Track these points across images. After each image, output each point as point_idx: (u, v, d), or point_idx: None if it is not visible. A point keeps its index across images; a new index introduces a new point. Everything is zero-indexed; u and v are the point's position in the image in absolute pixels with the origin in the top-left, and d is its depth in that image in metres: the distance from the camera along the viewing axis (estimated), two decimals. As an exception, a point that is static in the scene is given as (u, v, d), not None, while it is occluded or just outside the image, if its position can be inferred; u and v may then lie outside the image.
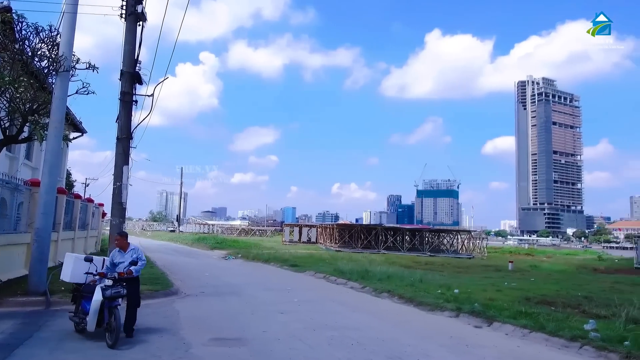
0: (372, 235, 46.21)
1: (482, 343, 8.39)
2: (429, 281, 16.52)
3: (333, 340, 8.06)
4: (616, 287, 19.40)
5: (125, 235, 8.45)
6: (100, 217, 28.88)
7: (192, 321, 9.29)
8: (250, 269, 22.89)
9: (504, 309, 10.72)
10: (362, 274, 17.68)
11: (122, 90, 12.63)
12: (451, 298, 12.43)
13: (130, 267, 7.75)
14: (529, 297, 13.70)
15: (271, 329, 8.75)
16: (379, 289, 14.60)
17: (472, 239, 50.55)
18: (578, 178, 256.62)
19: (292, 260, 24.63)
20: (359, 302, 13.05)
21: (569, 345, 8.08)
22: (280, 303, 12.00)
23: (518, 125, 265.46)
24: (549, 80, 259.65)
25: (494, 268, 29.62)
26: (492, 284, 17.66)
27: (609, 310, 10.67)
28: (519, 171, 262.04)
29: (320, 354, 7.19)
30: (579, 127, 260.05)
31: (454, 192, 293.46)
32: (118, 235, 8.44)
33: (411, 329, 9.46)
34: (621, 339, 7.89)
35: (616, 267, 38.72)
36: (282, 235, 59.91)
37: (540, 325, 9.12)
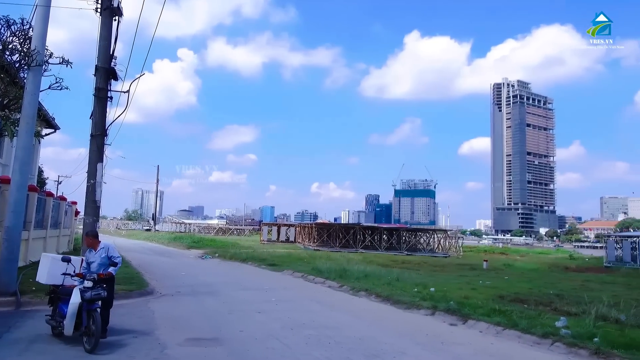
0: (351, 234, 46.44)
1: (457, 340, 8.53)
2: (405, 280, 16.69)
3: (311, 339, 8.07)
4: (586, 285, 19.99)
5: (94, 234, 8.14)
6: (73, 216, 28.22)
7: (168, 321, 9.17)
8: (227, 268, 22.71)
9: (478, 307, 10.92)
10: (340, 273, 17.74)
11: (97, 86, 12.35)
12: (427, 296, 12.58)
13: (109, 267, 7.58)
14: (502, 295, 13.99)
15: (248, 329, 8.71)
16: (356, 287, 14.68)
17: (448, 238, 51.30)
18: (551, 179, 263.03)
19: (270, 260, 24.54)
20: (337, 301, 13.09)
21: (540, 342, 8.28)
22: (258, 302, 11.94)
23: (493, 127, 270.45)
24: (523, 83, 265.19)
25: (469, 267, 30.13)
26: (467, 283, 17.97)
27: (580, 308, 10.98)
28: (494, 172, 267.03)
29: (297, 353, 7.19)
30: (552, 129, 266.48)
31: (431, 192, 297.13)
32: (86, 235, 8.23)
33: (388, 327, 9.54)
34: (591, 336, 8.12)
35: (586, 265, 39.85)
36: (261, 234, 59.63)
37: (513, 322, 9.32)
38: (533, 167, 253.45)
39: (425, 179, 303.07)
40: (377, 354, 7.27)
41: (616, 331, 8.51)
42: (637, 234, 51.05)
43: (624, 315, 9.97)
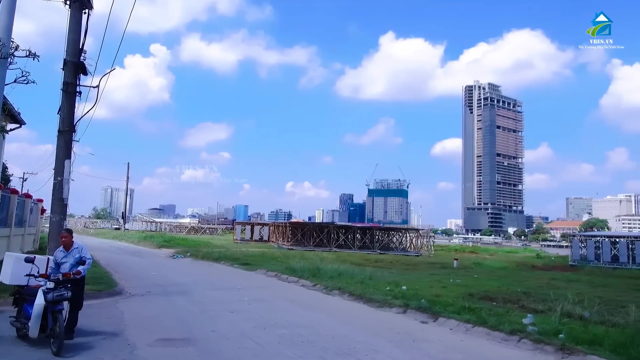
0: (325, 233, 46.55)
1: (428, 338, 8.67)
2: (378, 278, 16.85)
3: (283, 338, 8.06)
4: (552, 283, 20.61)
5: (70, 231, 7.99)
6: (39, 214, 27.31)
7: (138, 322, 9.00)
8: (199, 267, 22.43)
9: (449, 305, 11.12)
10: (313, 272, 17.76)
11: (65, 81, 11.99)
12: (399, 295, 12.73)
13: (78, 267, 7.36)
14: (472, 293, 14.28)
15: (220, 329, 8.63)
16: (329, 286, 14.72)
17: (420, 237, 52.07)
18: (519, 180, 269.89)
19: (243, 259, 24.38)
20: (310, 300, 13.11)
21: (508, 338, 8.49)
22: (230, 302, 11.85)
23: (465, 128, 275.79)
24: (494, 86, 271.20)
25: (440, 265, 30.64)
26: (438, 281, 18.28)
27: (546, 305, 11.31)
28: (464, 172, 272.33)
29: (270, 352, 7.17)
30: (521, 131, 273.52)
31: (404, 192, 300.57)
32: (65, 232, 7.97)
33: (361, 326, 9.61)
34: (556, 332, 8.37)
35: (553, 264, 41.13)
36: (234, 233, 59.15)
37: (482, 320, 9.53)
38: (502, 168, 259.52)
39: (398, 179, 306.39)
40: (349, 352, 7.32)
41: (580, 327, 8.80)
42: (600, 234, 52.99)
43: (587, 312, 10.34)
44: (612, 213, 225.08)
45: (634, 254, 39.78)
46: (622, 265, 37.95)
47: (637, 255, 39.61)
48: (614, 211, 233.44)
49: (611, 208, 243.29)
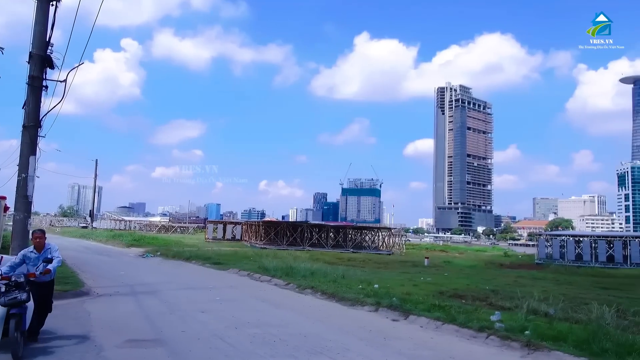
0: (298, 232, 46.52)
1: (398, 335, 8.77)
2: (350, 277, 16.94)
3: (255, 337, 8.01)
4: (519, 281, 21.19)
5: (43, 231, 7.63)
6: (2, 212, 26.28)
7: (105, 323, 8.78)
8: (170, 267, 22.07)
9: (419, 303, 11.28)
10: (286, 270, 17.72)
11: (31, 75, 11.59)
12: (371, 293, 12.84)
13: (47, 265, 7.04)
14: (442, 291, 14.54)
15: (191, 329, 8.51)
16: (302, 285, 14.71)
17: (392, 236, 52.67)
18: (488, 180, 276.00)
19: (215, 258, 24.11)
20: (283, 299, 13.08)
21: (477, 335, 8.68)
22: (202, 302, 11.70)
23: (436, 129, 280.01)
24: (465, 88, 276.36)
25: (411, 264, 31.10)
26: (409, 279, 18.54)
27: (513, 303, 11.61)
28: (436, 172, 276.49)
29: (241, 352, 7.12)
30: (490, 132, 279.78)
31: (377, 191, 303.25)
32: (38, 232, 7.54)
33: (333, 324, 9.65)
34: (522, 329, 8.60)
35: (520, 262, 42.35)
36: (206, 232, 58.40)
37: (452, 317, 9.71)
38: (472, 169, 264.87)
39: (371, 178, 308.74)
40: (321, 351, 7.34)
41: (545, 324, 9.07)
42: (565, 233, 54.76)
43: (552, 309, 10.66)
44: (577, 213, 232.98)
45: (597, 253, 41.29)
46: (586, 263, 39.32)
47: (599, 254, 41.13)
48: (578, 211, 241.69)
49: (576, 208, 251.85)
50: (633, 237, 43.70)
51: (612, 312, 9.43)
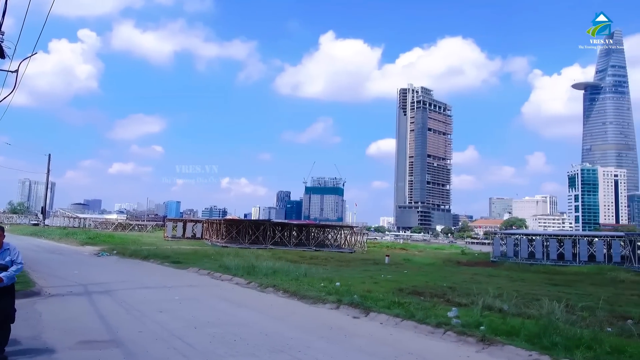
0: (260, 230, 46.21)
1: (359, 333, 8.87)
2: (312, 275, 16.99)
3: (215, 337, 7.89)
4: (475, 278, 21.87)
5: (3, 229, 6.70)
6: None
7: (57, 324, 8.44)
8: (126, 266, 21.43)
9: (379, 300, 11.45)
10: (248, 269, 17.58)
11: (-23, 63, 10.96)
12: (333, 291, 12.92)
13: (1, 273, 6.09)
14: (402, 288, 14.82)
15: (148, 329, 8.29)
16: (264, 284, 14.63)
17: (354, 234, 53.15)
18: (447, 180, 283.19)
19: (174, 257, 23.65)
20: (244, 297, 12.96)
21: (434, 331, 8.89)
22: (160, 301, 11.42)
23: (398, 130, 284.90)
24: (427, 90, 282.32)
25: (372, 261, 31.50)
26: (370, 277, 18.78)
27: (469, 299, 11.98)
28: (397, 172, 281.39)
29: (200, 352, 6.99)
30: (450, 134, 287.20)
31: (340, 190, 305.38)
32: None
33: (294, 322, 9.64)
34: (478, 324, 8.88)
35: (476, 260, 43.67)
36: (165, 230, 57.14)
37: (410, 314, 9.91)
38: (432, 169, 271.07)
39: (335, 177, 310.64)
40: (282, 350, 7.31)
41: (499, 319, 9.39)
42: (519, 232, 56.92)
43: (506, 305, 11.07)
44: (530, 212, 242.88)
45: (548, 251, 43.14)
46: (538, 261, 41.02)
47: (551, 252, 42.99)
48: (531, 211, 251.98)
49: (529, 208, 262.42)
50: (582, 236, 45.92)
51: (561, 308, 9.88)
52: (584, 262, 39.69)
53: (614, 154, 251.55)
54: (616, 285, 23.07)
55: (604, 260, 39.73)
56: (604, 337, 7.75)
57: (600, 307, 11.97)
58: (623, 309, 12.90)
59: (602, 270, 32.64)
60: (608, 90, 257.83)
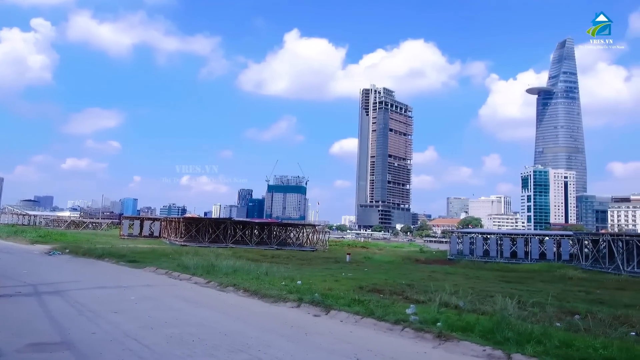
0: (221, 229, 45.59)
1: (319, 330, 8.90)
2: (274, 274, 16.92)
3: (172, 338, 7.72)
4: (433, 275, 22.41)
5: None
6: None
7: (4, 326, 8.02)
8: (79, 265, 20.65)
9: (340, 298, 11.55)
10: (207, 268, 17.32)
11: None
12: (294, 289, 12.92)
13: None
14: (362, 286, 15.00)
15: (102, 330, 8.02)
16: (224, 283, 14.46)
17: (316, 232, 53.28)
18: (407, 180, 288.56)
19: (130, 256, 23.01)
20: (203, 297, 12.75)
21: (393, 328, 9.05)
22: (114, 302, 11.06)
23: (361, 129, 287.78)
24: (388, 91, 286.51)
25: (334, 260, 31.73)
26: (331, 275, 18.90)
27: (427, 296, 12.27)
28: (359, 171, 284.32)
29: (157, 353, 6.83)
30: (410, 134, 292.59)
31: (302, 188, 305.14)
32: None
33: (254, 322, 9.57)
34: (435, 321, 9.11)
35: (434, 258, 44.77)
36: (121, 228, 55.41)
37: (370, 311, 10.05)
38: (393, 169, 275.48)
39: (297, 176, 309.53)
40: (242, 349, 7.24)
41: (456, 316, 9.67)
42: (474, 231, 58.77)
43: (462, 302, 11.41)
44: (485, 212, 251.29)
45: (502, 249, 44.79)
46: (492, 259, 42.52)
47: (504, 250, 44.64)
48: (486, 210, 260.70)
49: (484, 207, 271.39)
50: (533, 235, 47.96)
51: (513, 304, 10.28)
52: (535, 260, 41.44)
53: (564, 156, 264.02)
54: (565, 282, 24.24)
55: (554, 258, 41.68)
56: (553, 332, 8.12)
57: (550, 303, 12.55)
58: (571, 305, 13.56)
59: (552, 267, 34.23)
60: (560, 96, 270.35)
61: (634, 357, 6.64)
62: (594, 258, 36.98)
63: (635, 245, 31.67)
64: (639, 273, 29.55)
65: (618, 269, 31.54)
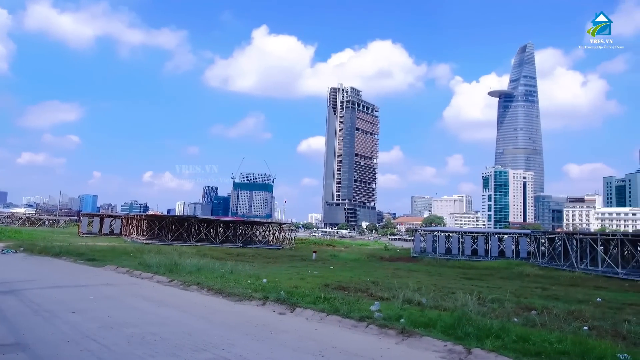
0: (185, 227, 44.83)
1: (284, 328, 8.90)
2: (239, 272, 16.80)
3: (134, 337, 7.54)
4: (397, 272, 22.80)
5: None
6: None
7: (-50, 328, 7.61)
8: (35, 263, 19.87)
9: (306, 296, 11.58)
10: (170, 267, 17.01)
11: None
12: (259, 287, 12.87)
13: None
14: (328, 283, 15.10)
15: (59, 331, 7.75)
16: (187, 282, 14.23)
17: (282, 230, 53.20)
18: (373, 179, 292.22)
19: (89, 254, 22.30)
20: (166, 296, 12.51)
21: (357, 325, 9.15)
22: (73, 301, 10.70)
23: (328, 128, 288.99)
24: (356, 90, 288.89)
25: (300, 258, 31.77)
26: (297, 273, 18.93)
27: (391, 293, 12.48)
28: (326, 170, 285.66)
29: (117, 353, 6.66)
30: (377, 134, 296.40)
31: (269, 186, 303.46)
32: None
33: (218, 320, 9.47)
34: (398, 317, 9.27)
35: (398, 255, 45.51)
36: (79, 226, 53.62)
37: (335, 308, 10.13)
38: (359, 167, 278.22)
39: (264, 173, 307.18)
40: (205, 348, 7.15)
41: (418, 312, 9.87)
42: (437, 229, 60.10)
43: (424, 299, 11.67)
44: (448, 211, 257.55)
45: (463, 247, 46.02)
46: (454, 256, 43.64)
47: (465, 248, 45.88)
48: (449, 209, 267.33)
49: (447, 206, 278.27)
50: (493, 234, 49.47)
51: (474, 300, 10.60)
52: (494, 258, 42.80)
53: (523, 157, 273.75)
54: (522, 278, 25.16)
55: (513, 256, 43.16)
56: (511, 327, 8.42)
57: (508, 299, 13.02)
58: (528, 301, 14.09)
59: (511, 265, 35.45)
60: (520, 99, 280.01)
61: (586, 350, 6.95)
62: (550, 256, 38.53)
63: (589, 244, 33.18)
64: (592, 270, 30.98)
65: (572, 266, 32.97)
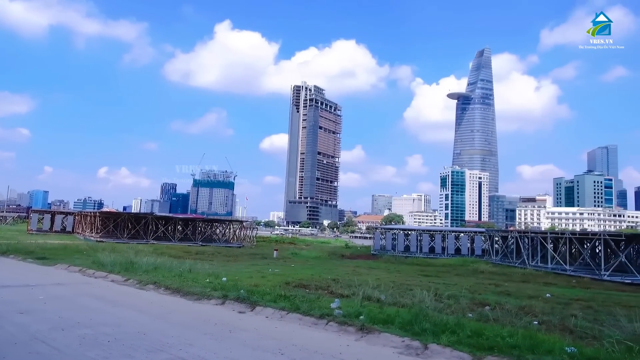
0: (142, 224, 43.69)
1: (244, 327, 8.83)
2: (198, 271, 16.52)
3: (86, 339, 7.28)
4: (357, 270, 23.08)
5: None
6: None
7: None
8: (-21, 263, 18.77)
9: (266, 294, 11.53)
10: (126, 265, 16.53)
11: None
12: (218, 286, 12.70)
13: None
14: (288, 281, 15.10)
15: (6, 332, 7.38)
16: (144, 281, 13.87)
17: (243, 228, 52.72)
18: (335, 177, 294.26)
19: (39, 252, 21.37)
20: (121, 296, 12.14)
21: (317, 322, 9.19)
22: (21, 302, 10.21)
23: (291, 126, 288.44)
24: (319, 89, 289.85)
25: (261, 256, 31.60)
26: (258, 271, 18.83)
27: (351, 290, 12.61)
28: (289, 167, 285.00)
29: (69, 355, 6.40)
30: (339, 133, 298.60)
31: (230, 184, 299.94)
32: None
33: (176, 320, 9.28)
34: (358, 314, 9.38)
35: (358, 253, 46.11)
36: (29, 223, 51.26)
37: (296, 306, 10.13)
38: (322, 166, 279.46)
39: (225, 170, 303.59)
40: (162, 348, 6.99)
41: (377, 309, 10.02)
42: (396, 227, 61.21)
43: (384, 295, 11.87)
44: (407, 209, 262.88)
45: (422, 245, 47.12)
46: (413, 254, 44.62)
47: (424, 245, 46.99)
48: (408, 207, 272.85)
49: (406, 205, 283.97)
50: (450, 232, 50.89)
51: (431, 297, 10.87)
52: (451, 255, 44.07)
53: (479, 158, 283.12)
54: (477, 275, 26.04)
55: (468, 253, 44.59)
56: (466, 323, 8.69)
57: (464, 295, 13.44)
58: (482, 297, 14.61)
59: (466, 262, 36.62)
60: (477, 101, 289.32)
61: (536, 344, 7.28)
62: (503, 253, 40.05)
63: (539, 242, 34.73)
64: (542, 267, 32.45)
65: (524, 263, 34.41)
